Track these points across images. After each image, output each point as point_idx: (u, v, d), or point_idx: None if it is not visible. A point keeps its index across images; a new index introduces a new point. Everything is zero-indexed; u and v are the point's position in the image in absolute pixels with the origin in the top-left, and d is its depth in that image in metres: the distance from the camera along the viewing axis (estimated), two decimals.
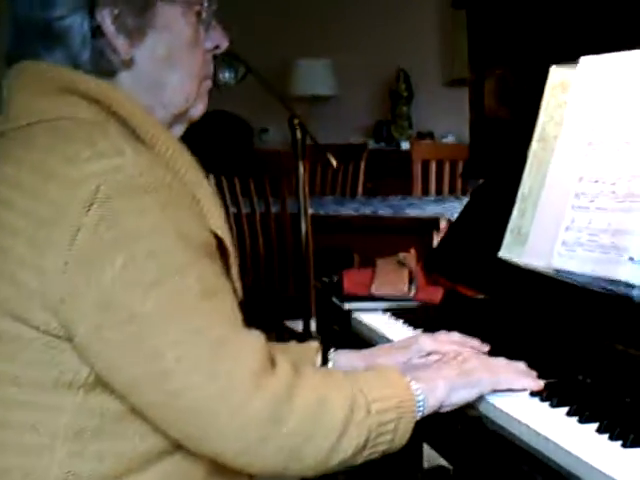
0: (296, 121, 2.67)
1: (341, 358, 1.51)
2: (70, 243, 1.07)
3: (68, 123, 1.16)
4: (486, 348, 1.52)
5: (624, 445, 1.14)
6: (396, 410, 1.20)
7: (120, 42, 1.22)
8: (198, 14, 1.29)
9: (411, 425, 1.22)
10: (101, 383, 1.13)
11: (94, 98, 1.19)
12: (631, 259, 1.40)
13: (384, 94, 6.19)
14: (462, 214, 2.17)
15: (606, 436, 1.17)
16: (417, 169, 4.63)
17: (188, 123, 1.33)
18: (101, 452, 1.13)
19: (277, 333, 3.31)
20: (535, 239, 1.69)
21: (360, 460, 1.18)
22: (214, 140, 4.92)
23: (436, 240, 3.62)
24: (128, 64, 1.24)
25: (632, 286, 1.40)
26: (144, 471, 1.16)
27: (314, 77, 6.14)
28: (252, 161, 4.53)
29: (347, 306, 2.02)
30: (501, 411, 1.29)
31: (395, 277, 2.07)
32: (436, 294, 2.01)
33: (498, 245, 1.82)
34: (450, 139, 5.68)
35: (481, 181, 2.16)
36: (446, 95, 5.83)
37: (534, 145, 1.80)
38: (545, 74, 1.80)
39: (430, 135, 5.89)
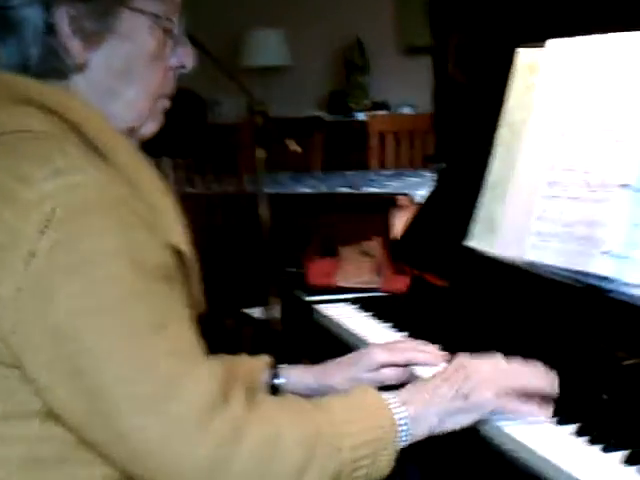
0: (256, 107, 2.59)
1: (291, 374, 1.44)
2: (24, 269, 1.01)
3: (24, 137, 1.10)
4: (441, 359, 1.43)
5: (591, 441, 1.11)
6: (373, 444, 1.13)
7: (74, 44, 1.14)
8: (166, 31, 1.21)
9: (392, 458, 1.15)
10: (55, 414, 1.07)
11: (50, 108, 1.12)
12: (606, 252, 1.35)
13: (339, 64, 6.10)
14: (428, 199, 2.11)
15: (569, 429, 1.13)
16: (374, 142, 4.57)
17: (138, 141, 1.24)
18: None
19: (236, 321, 3.24)
20: (506, 229, 1.64)
21: None
22: (166, 115, 4.82)
23: (395, 218, 3.58)
24: (81, 68, 1.16)
25: (607, 280, 1.35)
26: None
27: (267, 48, 6.03)
28: (206, 136, 4.45)
29: (311, 299, 1.96)
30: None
31: (360, 267, 2.01)
32: (402, 283, 1.95)
33: (465, 231, 1.77)
34: (406, 109, 5.61)
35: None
36: (402, 64, 5.76)
37: (501, 130, 1.74)
38: (511, 44, 1.74)
39: (386, 105, 5.81)
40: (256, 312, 2.78)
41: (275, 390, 1.43)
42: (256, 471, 1.06)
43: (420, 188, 3.60)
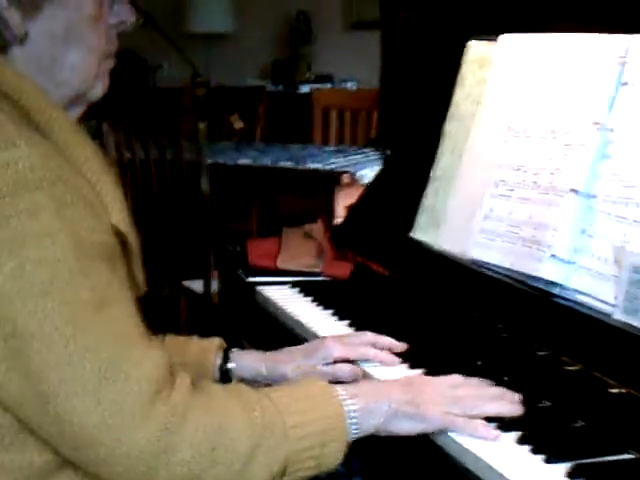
0: (199, 79, 2.55)
1: (243, 360, 1.42)
2: None
3: None
4: (401, 347, 1.44)
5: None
6: (320, 436, 1.12)
7: (12, 15, 1.10)
8: None
9: (341, 449, 1.14)
10: None
11: None
12: (553, 256, 1.35)
13: (284, 33, 6.05)
14: (372, 185, 2.11)
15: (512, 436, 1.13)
16: (317, 117, 4.55)
17: (86, 106, 1.22)
18: None
19: (174, 294, 3.20)
20: (450, 224, 1.64)
21: None
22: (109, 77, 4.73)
23: (339, 197, 3.57)
24: (21, 39, 1.12)
25: (553, 284, 1.36)
26: None
27: (211, 13, 5.95)
28: (148, 100, 4.37)
29: (253, 280, 1.94)
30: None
31: (302, 250, 2.00)
32: (345, 269, 1.95)
33: (410, 221, 1.77)
34: (350, 84, 5.59)
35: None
36: (347, 39, 5.73)
37: (448, 122, 1.73)
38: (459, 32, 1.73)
39: (329, 78, 5.79)
40: (196, 285, 2.75)
41: (225, 374, 1.42)
42: (200, 459, 1.05)
43: (364, 167, 3.60)
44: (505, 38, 1.63)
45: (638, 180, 1.27)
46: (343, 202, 3.64)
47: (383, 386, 1.23)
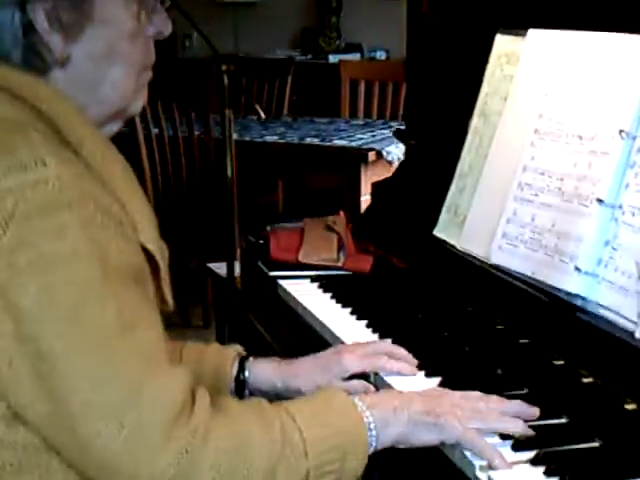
0: (224, 67, 2.53)
1: (258, 370, 1.39)
2: None
3: None
4: (415, 370, 1.37)
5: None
6: (340, 450, 1.11)
7: (54, 39, 1.10)
8: (139, 2, 1.17)
9: (361, 462, 1.13)
10: (20, 416, 1.05)
11: (19, 95, 1.08)
12: (577, 269, 1.32)
13: (313, 1, 5.99)
14: (395, 175, 2.07)
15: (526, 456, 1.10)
16: (345, 89, 4.51)
17: (125, 120, 1.23)
18: None
19: (201, 276, 3.20)
20: (473, 224, 1.60)
21: None
22: None
23: (365, 174, 3.54)
24: (63, 62, 1.12)
25: (575, 296, 1.33)
26: None
27: None
28: (176, 71, 4.36)
29: (275, 274, 1.92)
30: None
31: (323, 244, 1.97)
32: (366, 263, 1.92)
33: (432, 215, 1.74)
34: (380, 54, 5.54)
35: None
36: (377, 7, 5.66)
37: (475, 119, 1.70)
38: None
39: (359, 47, 5.73)
40: (220, 267, 2.74)
41: (241, 384, 1.39)
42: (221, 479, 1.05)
43: (390, 144, 3.57)
44: (533, 34, 1.59)
45: None
46: (369, 179, 3.63)
47: (402, 397, 1.21)
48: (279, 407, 1.14)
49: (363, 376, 1.40)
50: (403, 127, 2.20)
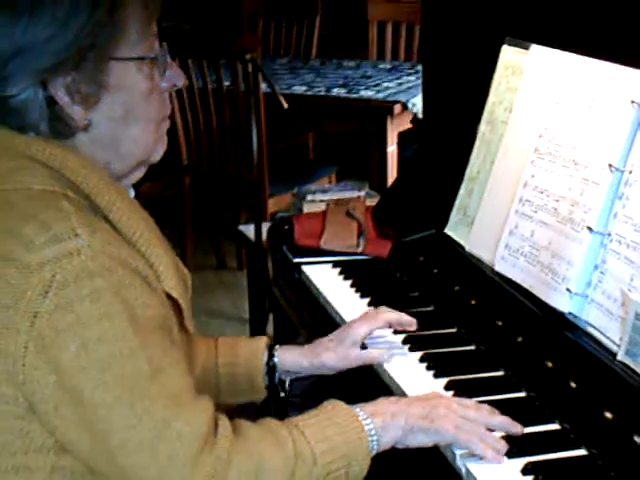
0: (248, 56, 2.60)
1: (286, 355, 1.58)
2: (29, 329, 1.12)
3: (23, 196, 1.18)
4: (414, 326, 1.60)
5: None
6: (346, 458, 1.27)
7: (75, 109, 1.22)
8: (152, 61, 1.27)
9: (365, 465, 1.29)
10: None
11: (51, 165, 1.21)
12: (569, 291, 1.44)
13: None
14: (410, 161, 2.19)
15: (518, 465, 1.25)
16: (373, 31, 4.55)
17: (147, 167, 1.35)
18: None
19: (230, 238, 3.34)
20: (480, 229, 1.72)
21: None
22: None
23: (390, 126, 3.64)
24: (86, 127, 1.24)
25: (568, 314, 1.45)
26: None
27: None
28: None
29: (298, 260, 2.06)
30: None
31: (344, 230, 2.10)
32: (384, 248, 2.05)
33: (444, 208, 1.86)
34: None
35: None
36: None
37: (483, 126, 1.80)
38: None
39: None
40: (250, 230, 2.88)
41: (272, 369, 1.57)
42: None
43: (415, 94, 3.65)
44: (536, 50, 1.67)
45: None
46: (395, 129, 3.72)
47: (399, 403, 1.36)
48: (290, 424, 1.29)
49: (371, 371, 1.59)
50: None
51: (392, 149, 3.65)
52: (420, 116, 3.49)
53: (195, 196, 3.94)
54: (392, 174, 3.56)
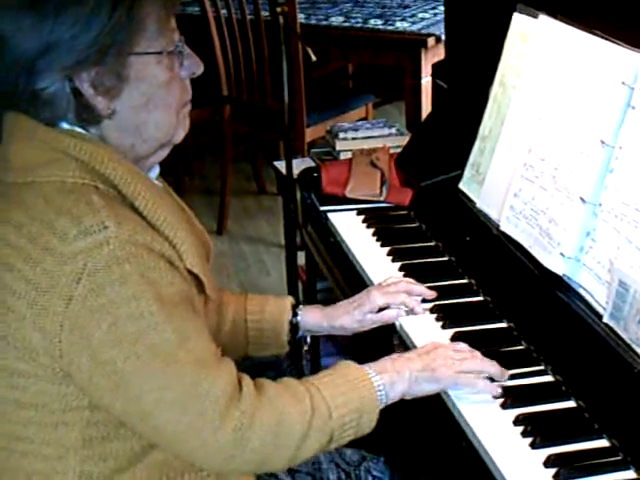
0: (279, 9, 2.69)
1: (308, 316, 1.74)
2: (64, 310, 1.28)
3: (57, 188, 1.32)
4: (433, 295, 1.74)
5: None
6: (357, 411, 1.42)
7: (99, 100, 1.35)
8: (171, 53, 1.39)
9: (374, 417, 1.45)
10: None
11: (81, 159, 1.34)
12: (562, 255, 1.57)
13: None
14: (431, 115, 2.29)
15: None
16: None
17: (171, 147, 1.47)
18: (104, 454, 1.38)
19: (270, 165, 3.44)
20: (489, 188, 1.85)
21: (331, 448, 1.44)
22: None
23: (424, 58, 3.71)
24: (110, 115, 1.37)
25: (560, 277, 1.58)
26: (140, 462, 1.41)
27: None
28: None
29: (323, 208, 2.21)
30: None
31: (368, 179, 2.24)
32: (405, 197, 2.19)
33: (461, 158, 1.98)
34: None
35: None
36: None
37: (495, 88, 1.91)
38: None
39: None
40: (283, 166, 3.00)
41: (294, 327, 1.74)
42: (267, 446, 1.37)
43: None
44: (543, 20, 1.76)
45: (634, 198, 1.46)
46: (429, 61, 3.80)
47: (403, 360, 1.52)
48: (306, 381, 1.46)
49: (390, 329, 1.74)
50: None
51: (426, 81, 3.73)
52: None
53: (235, 125, 4.07)
54: (426, 106, 3.65)
